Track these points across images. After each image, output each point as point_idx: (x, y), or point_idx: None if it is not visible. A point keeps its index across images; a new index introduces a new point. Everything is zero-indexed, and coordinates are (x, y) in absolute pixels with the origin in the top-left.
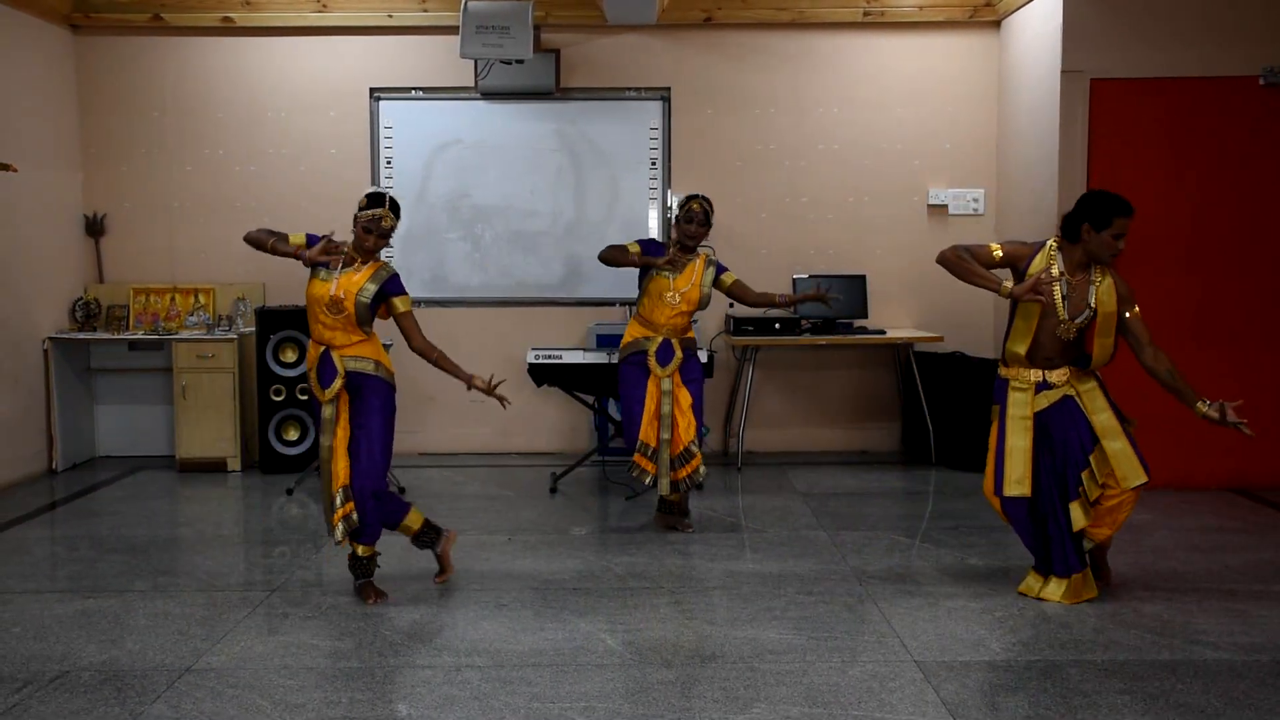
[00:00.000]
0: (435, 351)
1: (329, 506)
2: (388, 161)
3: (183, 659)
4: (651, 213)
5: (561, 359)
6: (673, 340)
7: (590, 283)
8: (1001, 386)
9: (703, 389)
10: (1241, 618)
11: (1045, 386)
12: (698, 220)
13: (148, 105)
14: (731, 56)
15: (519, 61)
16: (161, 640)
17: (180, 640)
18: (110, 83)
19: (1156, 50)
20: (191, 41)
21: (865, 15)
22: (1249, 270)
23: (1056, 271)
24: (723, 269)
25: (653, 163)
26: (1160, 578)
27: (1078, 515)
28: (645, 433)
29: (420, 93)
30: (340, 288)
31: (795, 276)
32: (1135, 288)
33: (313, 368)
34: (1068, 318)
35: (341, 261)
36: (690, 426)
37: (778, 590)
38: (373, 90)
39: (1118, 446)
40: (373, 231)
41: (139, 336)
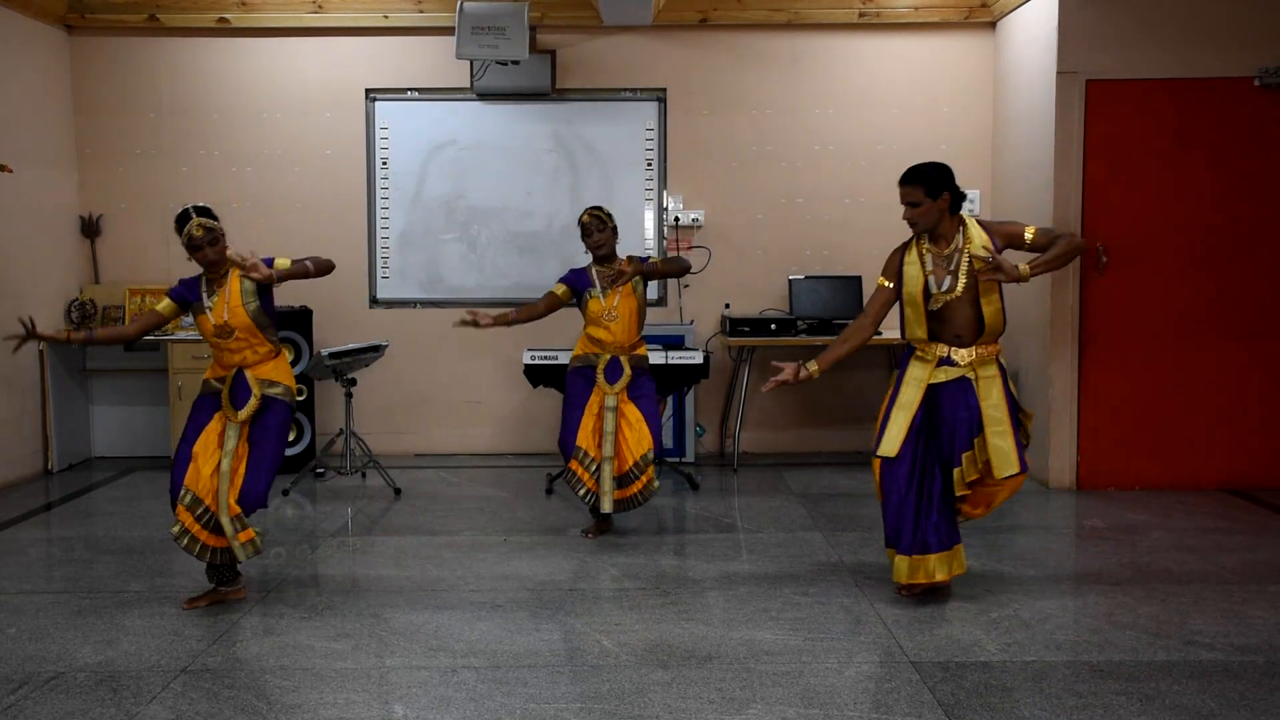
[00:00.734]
0: (318, 260)
1: (223, 528)
2: (383, 162)
3: (178, 660)
4: (647, 213)
5: (557, 360)
6: (621, 358)
7: None
8: (908, 355)
9: (656, 405)
10: (1237, 618)
11: (948, 363)
12: (592, 230)
13: (143, 106)
14: (727, 57)
15: (515, 62)
16: (157, 641)
17: (176, 641)
18: (106, 83)
19: (1152, 51)
20: (187, 42)
21: (861, 16)
22: (1244, 272)
23: (923, 251)
24: (644, 259)
25: (649, 163)
26: (1156, 578)
27: (957, 480)
28: (583, 439)
29: (416, 93)
30: (219, 313)
31: (791, 277)
32: (1131, 287)
33: (225, 386)
34: (937, 289)
35: (208, 291)
36: (641, 440)
37: (773, 591)
38: (368, 91)
39: (996, 439)
40: (199, 247)
41: None
